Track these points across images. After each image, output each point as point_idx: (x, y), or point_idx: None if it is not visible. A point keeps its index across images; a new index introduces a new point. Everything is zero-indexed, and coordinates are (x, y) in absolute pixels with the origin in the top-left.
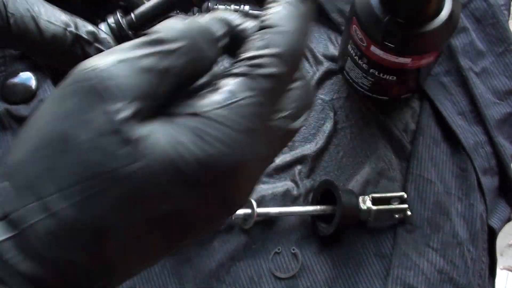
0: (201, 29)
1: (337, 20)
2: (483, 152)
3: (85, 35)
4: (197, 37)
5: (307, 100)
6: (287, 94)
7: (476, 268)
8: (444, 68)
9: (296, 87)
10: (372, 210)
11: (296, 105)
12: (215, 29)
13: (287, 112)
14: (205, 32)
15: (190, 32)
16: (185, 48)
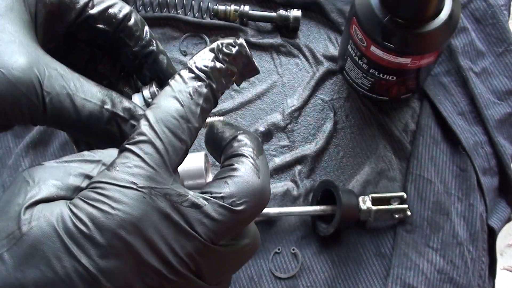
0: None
1: (337, 20)
2: (483, 152)
3: (121, 113)
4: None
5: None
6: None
7: (476, 268)
8: (444, 68)
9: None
10: (372, 210)
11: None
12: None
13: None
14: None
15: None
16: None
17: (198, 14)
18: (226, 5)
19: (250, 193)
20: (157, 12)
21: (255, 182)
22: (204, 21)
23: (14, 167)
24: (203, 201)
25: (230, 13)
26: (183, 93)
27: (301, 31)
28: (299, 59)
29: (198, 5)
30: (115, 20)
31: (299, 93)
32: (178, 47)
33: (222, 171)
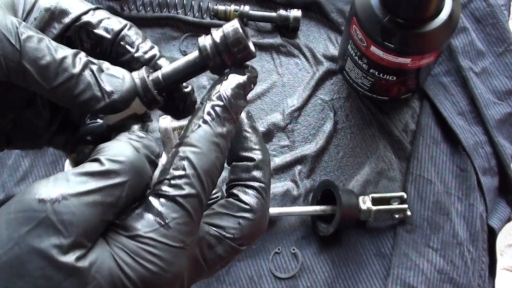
0: (145, 153)
1: (337, 20)
2: (483, 152)
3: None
4: (143, 166)
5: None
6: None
7: (476, 268)
8: (444, 68)
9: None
10: (372, 210)
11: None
12: (153, 149)
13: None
14: (148, 153)
15: (137, 161)
16: (132, 181)
17: (198, 14)
18: (226, 5)
19: (254, 237)
20: (157, 12)
21: (264, 226)
22: (204, 21)
23: (14, 167)
24: (216, 242)
25: (230, 13)
26: (223, 138)
27: (301, 31)
28: (299, 59)
29: (198, 5)
30: (115, 28)
31: (299, 93)
32: (178, 47)
33: (235, 205)
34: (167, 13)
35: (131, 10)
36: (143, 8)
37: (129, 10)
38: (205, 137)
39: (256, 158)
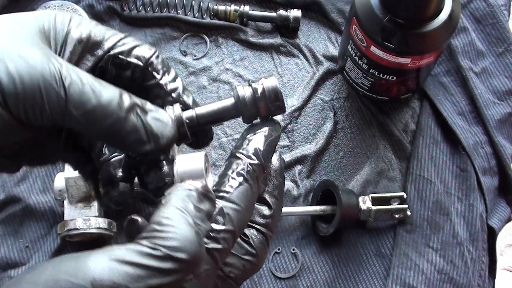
0: (204, 229)
1: (337, 20)
2: (483, 152)
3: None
4: (201, 255)
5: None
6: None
7: (476, 268)
8: (444, 68)
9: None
10: (372, 210)
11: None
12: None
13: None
14: (206, 227)
15: (197, 252)
16: (187, 276)
17: (198, 14)
18: (226, 5)
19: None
20: (157, 12)
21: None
22: (204, 21)
23: None
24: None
25: (230, 13)
26: (255, 195)
27: (301, 31)
28: (299, 59)
29: (198, 5)
30: (145, 56)
31: (299, 93)
32: (178, 47)
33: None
34: (167, 13)
35: (131, 10)
36: (143, 8)
37: (129, 10)
38: (245, 195)
39: (273, 207)
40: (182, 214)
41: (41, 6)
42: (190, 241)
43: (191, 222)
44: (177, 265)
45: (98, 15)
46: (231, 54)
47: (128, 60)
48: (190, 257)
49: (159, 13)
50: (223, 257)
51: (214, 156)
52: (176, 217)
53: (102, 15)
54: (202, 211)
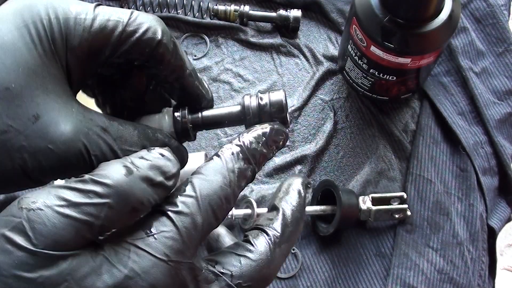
0: (144, 175)
1: (337, 20)
2: (483, 152)
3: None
4: (130, 189)
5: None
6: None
7: (476, 268)
8: (444, 68)
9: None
10: (372, 210)
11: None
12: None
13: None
14: (151, 175)
15: (122, 185)
16: (112, 204)
17: (198, 14)
18: (226, 5)
19: (256, 280)
20: (157, 12)
21: (264, 272)
22: (204, 21)
23: None
24: (213, 277)
25: (230, 13)
26: (232, 173)
27: (301, 31)
28: (299, 59)
29: (198, 5)
30: (148, 49)
31: (299, 93)
32: None
33: (242, 246)
34: (167, 13)
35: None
36: (143, 8)
37: None
38: (214, 168)
39: (281, 210)
40: (120, 160)
41: None
42: (116, 171)
43: (125, 162)
44: (100, 188)
45: None
46: (231, 54)
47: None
48: (114, 182)
49: (159, 13)
50: (187, 223)
51: None
52: (112, 162)
53: None
54: (146, 160)
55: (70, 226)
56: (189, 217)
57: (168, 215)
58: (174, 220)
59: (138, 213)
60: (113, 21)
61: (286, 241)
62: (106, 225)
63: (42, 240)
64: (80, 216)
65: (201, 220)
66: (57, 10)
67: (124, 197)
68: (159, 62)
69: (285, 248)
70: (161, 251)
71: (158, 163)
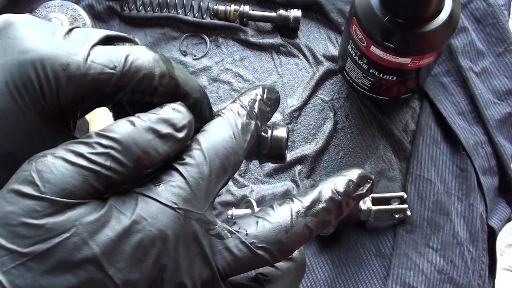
0: (149, 127)
1: (337, 20)
2: (483, 152)
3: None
4: (134, 140)
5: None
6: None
7: (476, 268)
8: (444, 68)
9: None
10: (372, 210)
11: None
12: (174, 121)
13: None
14: (157, 128)
15: (125, 136)
16: (117, 154)
17: (198, 14)
18: (226, 5)
19: (271, 243)
20: (157, 12)
21: (281, 237)
22: (204, 21)
23: None
24: (227, 234)
25: (230, 13)
26: (236, 126)
27: (301, 31)
28: (299, 59)
29: (198, 5)
30: (145, 95)
31: (299, 93)
32: (178, 47)
33: (263, 210)
34: (167, 13)
35: (131, 10)
36: (143, 8)
37: (129, 10)
38: (217, 123)
39: (320, 185)
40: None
41: (41, 6)
42: (120, 125)
43: (131, 117)
44: (104, 140)
45: (98, 15)
46: (231, 54)
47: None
48: (117, 133)
49: (159, 13)
50: (193, 173)
51: None
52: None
53: (102, 15)
54: (154, 114)
55: (77, 174)
56: (195, 167)
57: (175, 167)
58: (181, 171)
59: (145, 163)
60: (107, 74)
61: (314, 215)
62: (113, 175)
63: (50, 187)
64: (86, 164)
65: (208, 169)
66: (46, 68)
67: (128, 146)
68: (160, 98)
69: (311, 222)
70: (168, 198)
71: (167, 116)
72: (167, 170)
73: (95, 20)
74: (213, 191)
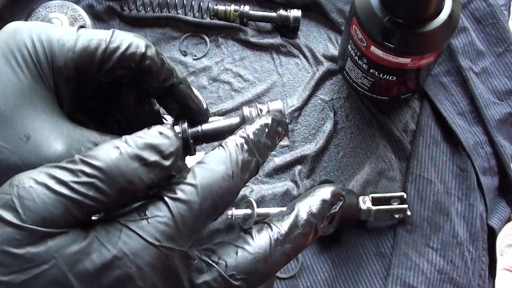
0: (135, 155)
1: (337, 20)
2: (483, 152)
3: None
4: (119, 170)
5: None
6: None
7: (476, 268)
8: (444, 68)
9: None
10: (372, 210)
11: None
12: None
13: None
14: (144, 155)
15: (110, 165)
16: (101, 183)
17: (198, 14)
18: (226, 5)
19: (250, 274)
20: (157, 12)
21: (260, 268)
22: (204, 21)
23: None
24: (207, 267)
25: (230, 13)
26: (236, 164)
27: (301, 31)
28: (299, 59)
29: (198, 5)
30: (134, 63)
31: (299, 93)
32: (178, 47)
33: (242, 237)
34: (167, 13)
35: (131, 10)
36: (143, 8)
37: (129, 10)
38: (217, 157)
39: (296, 210)
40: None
41: (41, 6)
42: (106, 151)
43: (118, 142)
44: (88, 168)
45: (98, 15)
46: (231, 54)
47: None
48: (102, 161)
49: (159, 13)
50: (183, 210)
51: None
52: (104, 144)
53: (102, 15)
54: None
55: (59, 203)
56: (186, 204)
57: (165, 200)
58: (170, 206)
59: (129, 192)
60: (96, 40)
61: (292, 242)
62: (96, 205)
63: (31, 216)
64: (68, 193)
65: (199, 209)
66: (40, 34)
67: (112, 176)
68: (148, 75)
69: (289, 248)
70: (152, 235)
71: (154, 142)
72: (156, 200)
73: (95, 20)
74: (200, 229)
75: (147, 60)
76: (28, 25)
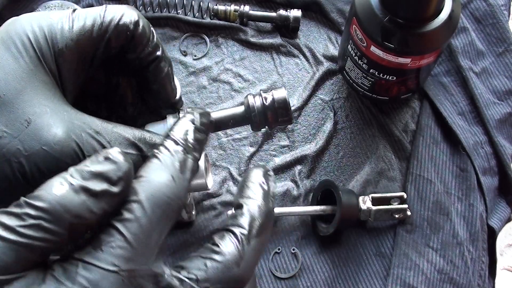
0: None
1: (337, 20)
2: (483, 152)
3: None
4: (64, 209)
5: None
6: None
7: (476, 268)
8: (444, 68)
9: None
10: (372, 210)
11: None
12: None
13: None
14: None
15: (55, 205)
16: (47, 224)
17: (198, 14)
18: (226, 5)
19: (225, 281)
20: (157, 12)
21: (234, 272)
22: (204, 21)
23: None
24: (177, 283)
25: (230, 13)
26: (173, 166)
27: (301, 31)
28: (299, 59)
29: (198, 5)
30: (129, 32)
31: (299, 93)
32: (178, 47)
33: (207, 248)
34: (167, 13)
35: None
36: (143, 8)
37: None
38: (152, 167)
39: (245, 206)
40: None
41: (40, 6)
42: (50, 189)
43: (64, 176)
44: (32, 210)
45: None
46: (231, 54)
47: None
48: (46, 201)
49: (159, 13)
50: (133, 228)
51: (214, 156)
52: (50, 180)
53: None
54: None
55: (9, 250)
56: (134, 222)
57: (113, 225)
58: (120, 229)
59: (80, 227)
60: (91, 17)
61: (256, 235)
62: (48, 245)
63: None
64: (16, 239)
65: (149, 222)
66: (40, 21)
67: (57, 214)
68: (138, 44)
69: (256, 243)
70: (109, 261)
71: (100, 169)
72: (106, 228)
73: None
74: (158, 241)
75: (139, 28)
76: (27, 15)
